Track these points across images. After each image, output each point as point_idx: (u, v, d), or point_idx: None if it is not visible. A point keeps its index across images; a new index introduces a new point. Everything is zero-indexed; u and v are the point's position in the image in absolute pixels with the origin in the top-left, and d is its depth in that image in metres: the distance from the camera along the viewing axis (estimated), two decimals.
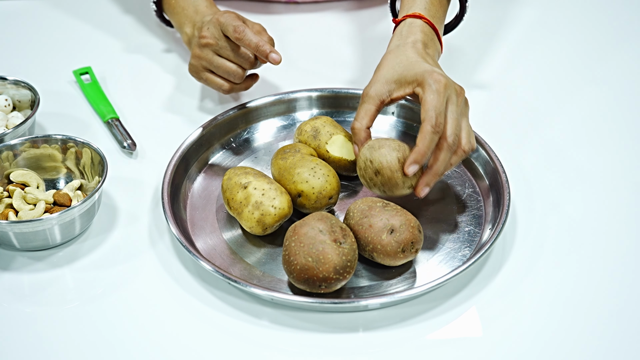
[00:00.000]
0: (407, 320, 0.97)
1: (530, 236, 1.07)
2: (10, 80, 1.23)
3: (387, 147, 1.03)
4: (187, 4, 1.27)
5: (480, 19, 1.47)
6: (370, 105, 1.07)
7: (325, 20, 1.49)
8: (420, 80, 1.04)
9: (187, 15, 1.26)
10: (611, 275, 1.03)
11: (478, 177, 1.14)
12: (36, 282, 1.03)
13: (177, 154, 1.14)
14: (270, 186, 1.04)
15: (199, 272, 1.03)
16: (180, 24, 1.28)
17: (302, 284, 0.97)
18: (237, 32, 1.15)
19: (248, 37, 1.15)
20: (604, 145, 1.22)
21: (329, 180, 1.06)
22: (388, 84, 1.07)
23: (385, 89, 1.07)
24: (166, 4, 1.30)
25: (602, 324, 0.97)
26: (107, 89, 1.33)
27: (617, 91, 1.33)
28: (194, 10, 1.26)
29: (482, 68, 1.39)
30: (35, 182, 1.11)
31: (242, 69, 1.19)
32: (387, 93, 1.07)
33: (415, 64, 1.06)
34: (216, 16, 1.18)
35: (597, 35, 1.46)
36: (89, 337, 0.96)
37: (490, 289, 1.01)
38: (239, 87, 1.23)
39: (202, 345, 0.95)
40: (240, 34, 1.15)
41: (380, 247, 0.99)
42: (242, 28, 1.15)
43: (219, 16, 1.18)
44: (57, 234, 1.04)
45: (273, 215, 1.03)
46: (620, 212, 1.11)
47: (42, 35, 1.46)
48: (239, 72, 1.19)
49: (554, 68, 1.39)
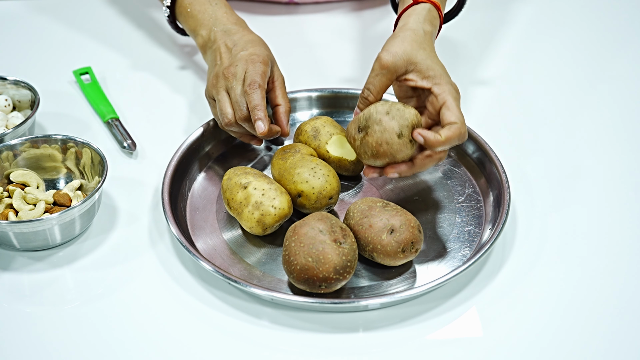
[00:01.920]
0: (407, 320, 0.97)
1: (530, 236, 1.07)
2: (10, 80, 1.23)
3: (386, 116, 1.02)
4: (204, 9, 1.24)
5: (481, 18, 1.47)
6: (385, 79, 1.07)
7: (325, 20, 1.49)
8: (445, 82, 1.04)
9: (204, 20, 1.23)
10: (611, 275, 1.03)
11: (478, 177, 1.14)
12: (36, 282, 1.02)
13: (177, 154, 1.14)
14: (270, 186, 1.04)
15: (199, 272, 1.03)
16: (195, 27, 1.24)
17: (302, 284, 0.97)
18: (249, 87, 1.11)
19: (253, 97, 1.10)
20: (604, 145, 1.22)
21: (329, 180, 1.06)
22: (409, 64, 1.06)
23: (404, 66, 1.06)
24: (180, 7, 1.26)
25: (602, 324, 0.97)
26: (107, 89, 1.33)
27: (620, 90, 1.33)
28: (212, 16, 1.23)
29: (484, 66, 1.39)
30: (35, 182, 1.11)
31: (234, 117, 1.12)
32: (404, 69, 1.06)
33: (437, 61, 1.07)
34: (250, 59, 1.14)
35: (600, 33, 1.46)
36: (89, 337, 0.96)
37: (490, 289, 1.01)
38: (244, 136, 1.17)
39: (202, 346, 0.95)
40: (250, 88, 1.11)
41: (381, 247, 0.99)
42: (256, 87, 1.11)
43: (250, 63, 1.13)
44: (57, 234, 1.04)
45: (273, 215, 1.03)
46: (621, 212, 1.11)
47: (42, 35, 1.46)
48: (229, 118, 1.12)
49: (557, 67, 1.39)
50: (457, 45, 1.41)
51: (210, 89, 1.16)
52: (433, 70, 1.05)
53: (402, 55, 1.06)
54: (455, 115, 1.02)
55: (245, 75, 1.12)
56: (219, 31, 1.20)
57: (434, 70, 1.05)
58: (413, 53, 1.06)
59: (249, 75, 1.12)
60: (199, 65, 1.38)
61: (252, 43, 1.17)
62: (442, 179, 1.15)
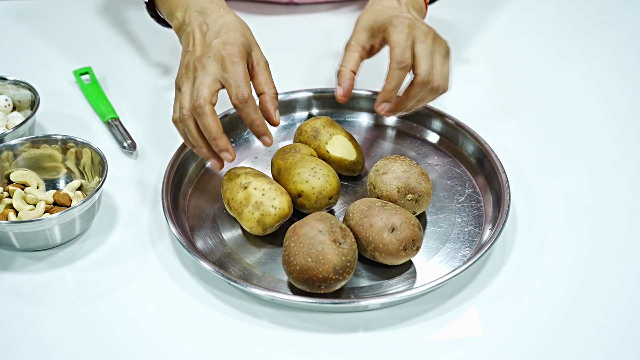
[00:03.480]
0: (407, 321, 0.97)
1: (530, 236, 1.07)
2: (10, 80, 1.23)
3: (390, 173, 1.05)
4: None
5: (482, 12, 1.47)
6: (353, 53, 1.11)
7: (325, 20, 1.49)
8: (387, 25, 1.08)
9: (180, 1, 1.15)
10: (612, 274, 1.03)
11: (478, 177, 1.14)
12: (36, 282, 1.02)
13: (177, 154, 1.14)
14: (270, 186, 1.04)
15: (199, 272, 1.03)
16: (171, 10, 1.16)
17: (302, 284, 0.97)
18: (239, 99, 1.03)
19: (247, 110, 1.03)
20: (604, 145, 1.22)
21: (329, 180, 1.06)
22: (366, 32, 1.11)
23: (364, 37, 1.11)
24: None
25: (602, 324, 0.97)
26: (107, 89, 1.34)
27: (622, 89, 1.33)
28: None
29: (484, 66, 1.39)
30: (35, 182, 1.11)
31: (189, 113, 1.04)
32: (367, 41, 1.12)
33: (387, 11, 1.11)
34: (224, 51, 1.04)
35: (603, 32, 1.46)
36: (89, 337, 0.96)
37: (490, 289, 1.01)
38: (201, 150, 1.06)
39: (202, 346, 0.95)
40: (242, 103, 1.03)
41: (382, 246, 0.99)
42: (246, 94, 1.02)
43: (228, 61, 1.04)
44: (57, 234, 1.04)
45: (273, 215, 1.03)
46: (621, 211, 1.11)
47: (42, 35, 1.46)
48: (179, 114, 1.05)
49: (557, 67, 1.39)
50: (455, 42, 1.41)
51: (178, 79, 1.08)
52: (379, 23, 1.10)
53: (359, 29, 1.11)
54: (390, 51, 1.06)
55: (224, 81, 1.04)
56: (193, 11, 1.12)
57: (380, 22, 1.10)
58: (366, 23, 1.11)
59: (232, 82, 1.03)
60: None
61: (227, 27, 1.08)
62: (442, 179, 1.15)
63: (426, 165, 1.17)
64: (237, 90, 1.03)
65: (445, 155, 1.19)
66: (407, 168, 1.06)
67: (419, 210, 1.06)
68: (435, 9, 1.46)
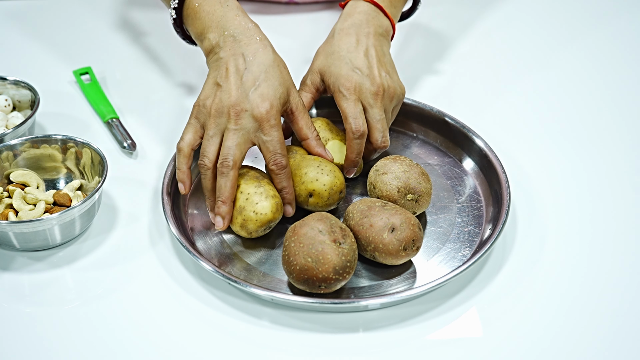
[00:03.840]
0: (407, 321, 0.97)
1: (530, 236, 1.07)
2: (10, 80, 1.23)
3: (390, 173, 1.06)
4: (214, 9, 1.10)
5: (477, 15, 1.47)
6: (307, 94, 1.14)
7: (325, 20, 1.49)
8: (335, 89, 1.11)
9: (213, 21, 1.10)
10: (612, 274, 1.03)
11: (478, 177, 1.14)
12: (36, 282, 1.02)
13: None
14: (256, 190, 1.03)
15: (199, 272, 1.03)
16: (202, 30, 1.11)
17: (302, 285, 0.96)
18: (277, 165, 1.03)
19: (282, 176, 1.04)
20: (605, 145, 1.22)
21: (337, 175, 1.06)
22: (319, 75, 1.14)
23: (318, 79, 1.14)
24: (188, 8, 1.13)
25: (603, 324, 0.97)
26: (107, 89, 1.33)
27: (622, 90, 1.33)
28: (222, 15, 1.10)
29: (483, 66, 1.39)
30: (35, 182, 1.11)
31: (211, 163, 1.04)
32: (320, 84, 1.15)
33: (339, 59, 1.12)
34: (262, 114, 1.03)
35: (605, 30, 1.46)
36: (88, 337, 0.96)
37: (490, 289, 1.01)
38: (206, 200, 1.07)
39: (202, 346, 0.95)
40: (280, 169, 1.04)
41: (382, 246, 0.99)
42: (285, 163, 1.03)
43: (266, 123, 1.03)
44: (57, 234, 1.04)
45: (254, 220, 1.02)
46: (621, 211, 1.11)
47: (42, 35, 1.46)
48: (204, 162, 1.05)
49: (557, 66, 1.39)
50: (452, 40, 1.41)
51: (204, 115, 1.05)
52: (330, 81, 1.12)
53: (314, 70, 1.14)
54: (343, 120, 1.09)
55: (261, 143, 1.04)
56: (228, 36, 1.08)
57: (331, 81, 1.12)
58: (321, 66, 1.14)
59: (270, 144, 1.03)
60: (199, 65, 1.38)
61: (265, 72, 1.05)
62: (442, 179, 1.15)
63: (426, 165, 1.17)
64: (276, 157, 1.04)
65: (445, 155, 1.19)
66: (407, 168, 1.06)
67: (419, 210, 1.06)
68: (435, 9, 1.46)
